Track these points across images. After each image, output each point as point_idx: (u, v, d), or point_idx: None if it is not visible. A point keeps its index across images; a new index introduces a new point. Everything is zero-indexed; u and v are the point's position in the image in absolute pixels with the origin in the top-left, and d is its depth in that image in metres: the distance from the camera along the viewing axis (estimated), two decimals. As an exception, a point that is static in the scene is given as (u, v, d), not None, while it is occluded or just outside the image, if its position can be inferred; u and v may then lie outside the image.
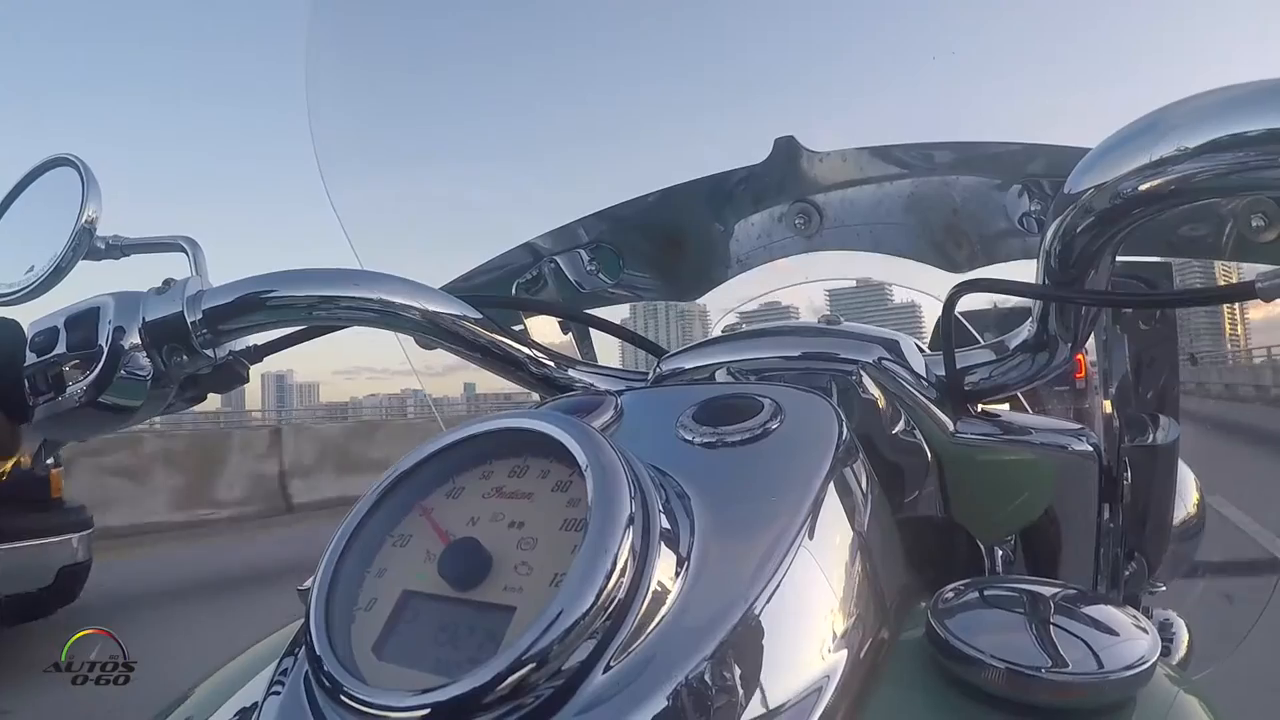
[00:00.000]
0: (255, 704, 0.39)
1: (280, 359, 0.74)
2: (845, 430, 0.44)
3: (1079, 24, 0.92)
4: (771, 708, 0.33)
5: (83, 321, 0.62)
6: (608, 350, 1.02)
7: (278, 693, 0.37)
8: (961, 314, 0.68)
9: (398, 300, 0.63)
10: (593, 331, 0.98)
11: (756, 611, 0.34)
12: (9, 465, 0.69)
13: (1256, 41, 0.79)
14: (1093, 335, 0.65)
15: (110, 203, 0.69)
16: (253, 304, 0.63)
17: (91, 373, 0.61)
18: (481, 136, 1.14)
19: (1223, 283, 0.51)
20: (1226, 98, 0.39)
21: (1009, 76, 0.95)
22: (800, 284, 1.09)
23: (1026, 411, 0.79)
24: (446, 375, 0.76)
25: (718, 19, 1.07)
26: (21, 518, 3.90)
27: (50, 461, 0.73)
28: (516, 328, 0.89)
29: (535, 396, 0.74)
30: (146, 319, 0.63)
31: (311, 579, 0.36)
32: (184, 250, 0.70)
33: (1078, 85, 0.91)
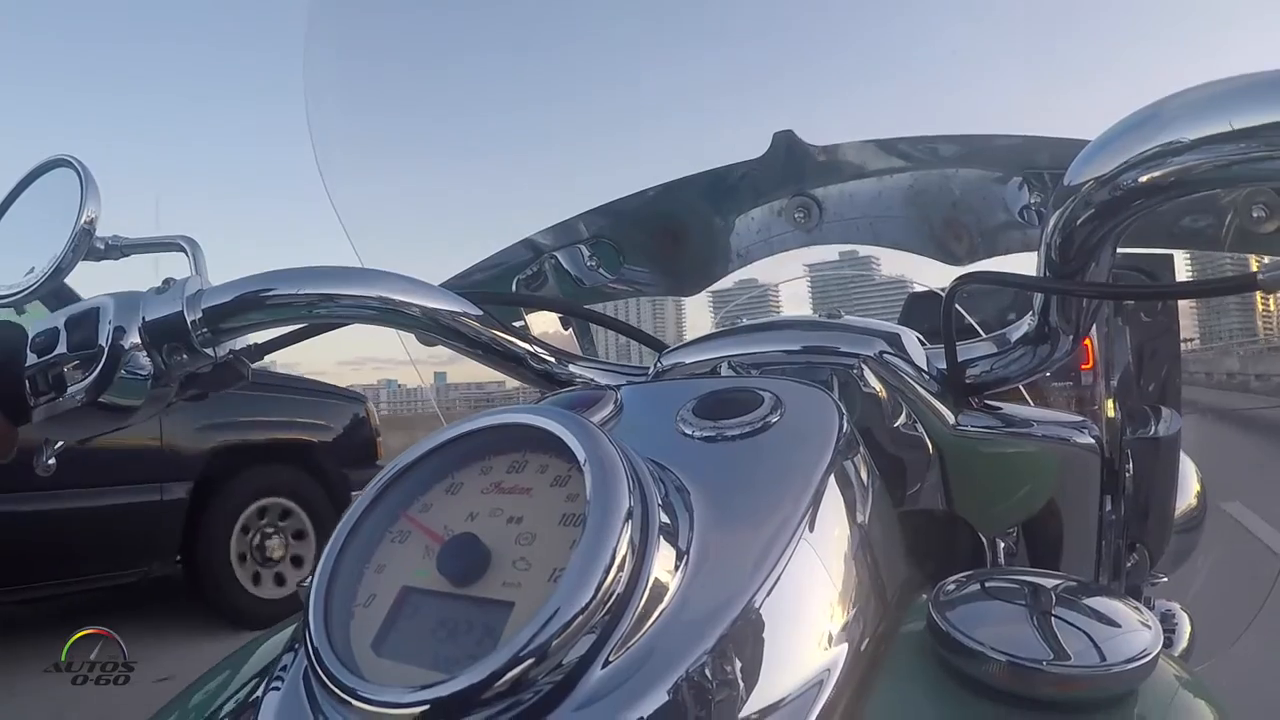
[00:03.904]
0: (255, 700, 0.39)
1: (286, 350, 0.74)
2: (846, 423, 0.44)
3: (1078, 15, 0.91)
4: (772, 701, 0.33)
5: (83, 322, 0.62)
6: (609, 346, 1.02)
7: (277, 689, 0.37)
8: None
9: (398, 297, 0.63)
10: (594, 327, 0.98)
11: (756, 605, 0.34)
12: None
13: (1256, 33, 0.78)
14: (1094, 327, 0.65)
15: (109, 201, 0.69)
16: (252, 303, 0.63)
17: (92, 373, 0.61)
18: (480, 132, 1.14)
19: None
20: (1227, 89, 0.38)
21: (1009, 69, 0.94)
22: (800, 278, 1.09)
23: (1028, 404, 0.79)
24: (451, 364, 0.77)
25: (716, 12, 1.07)
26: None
27: (51, 462, 0.73)
28: (517, 324, 0.89)
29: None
30: (146, 319, 0.63)
31: (311, 576, 0.36)
32: (183, 250, 0.70)
33: (1077, 77, 0.91)
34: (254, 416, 4.52)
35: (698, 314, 1.17)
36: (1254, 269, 0.51)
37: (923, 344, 0.64)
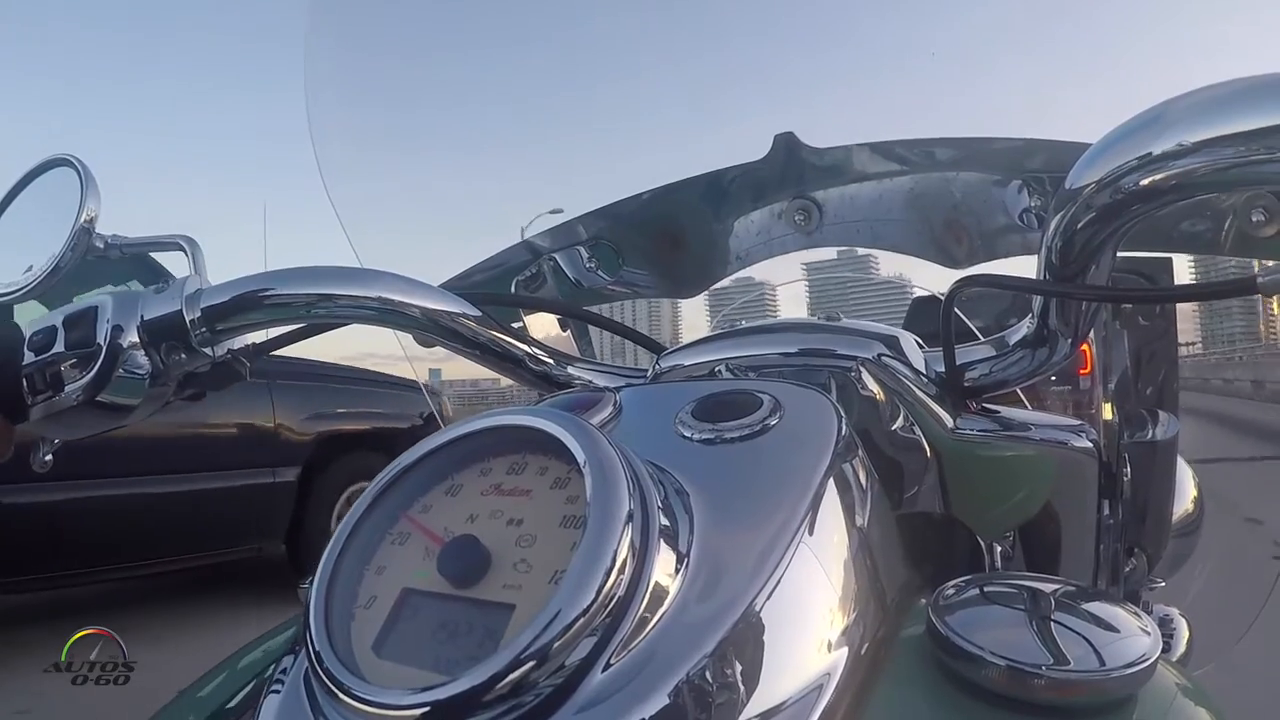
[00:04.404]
0: (256, 701, 0.39)
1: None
2: (844, 426, 0.44)
3: (1079, 18, 0.92)
4: (772, 705, 0.33)
5: (81, 320, 0.62)
6: (607, 348, 1.02)
7: (278, 690, 0.37)
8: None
9: (396, 298, 0.63)
10: (592, 329, 0.98)
11: (756, 608, 0.34)
12: None
13: (1256, 36, 0.79)
14: (1092, 331, 0.65)
15: (108, 198, 0.69)
16: (250, 302, 0.63)
17: (90, 372, 0.61)
18: (481, 134, 1.14)
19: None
20: (1226, 93, 0.38)
21: (1009, 72, 0.95)
22: (800, 280, 1.09)
23: (1026, 407, 0.79)
24: (447, 361, 0.78)
25: (717, 14, 1.07)
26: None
27: (48, 459, 0.73)
28: (516, 325, 0.89)
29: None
30: (145, 318, 0.63)
31: (311, 577, 0.36)
32: (182, 249, 0.70)
33: (1078, 80, 0.91)
34: (350, 408, 4.94)
35: (694, 315, 1.17)
36: (1257, 270, 0.51)
37: (921, 347, 0.64)
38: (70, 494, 3.58)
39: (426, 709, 0.29)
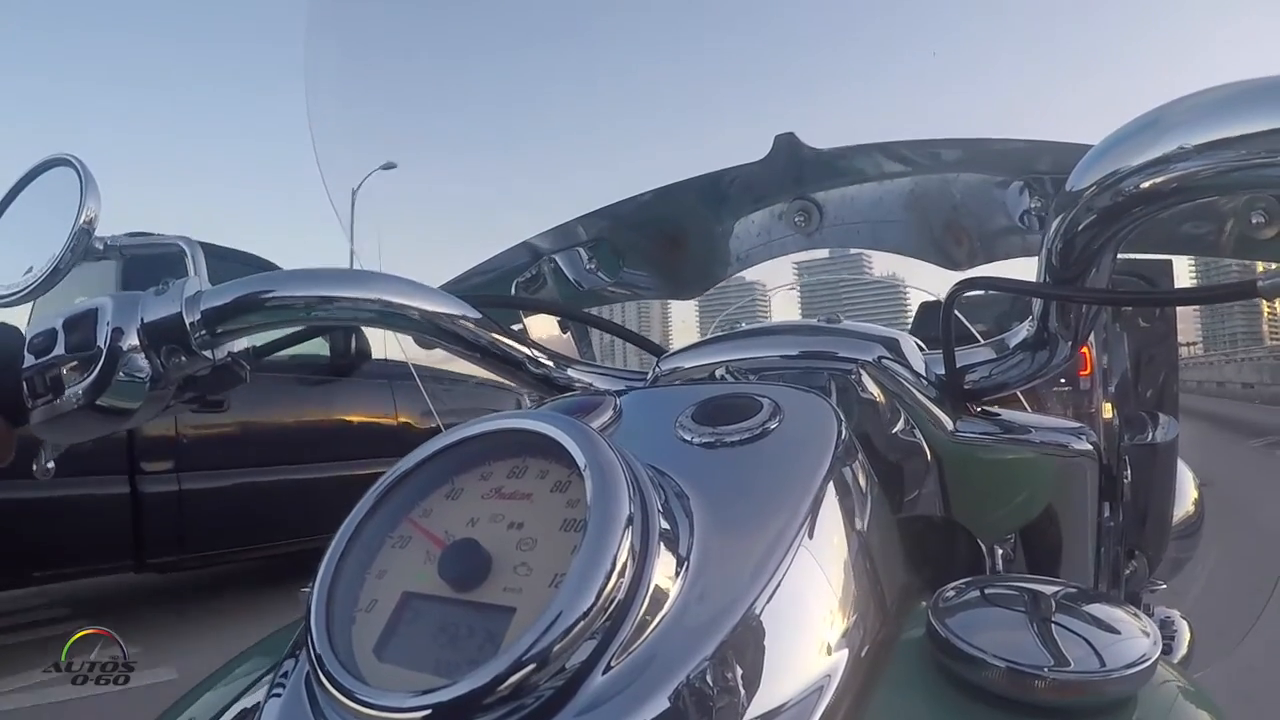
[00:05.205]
0: (256, 705, 0.39)
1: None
2: (844, 430, 0.44)
3: (1080, 20, 0.92)
4: (772, 707, 0.33)
5: (81, 323, 0.62)
6: (607, 350, 1.02)
7: (279, 694, 0.37)
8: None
9: (396, 300, 0.63)
10: (592, 331, 0.98)
11: (756, 612, 0.34)
12: None
13: (1258, 38, 0.79)
14: (1092, 333, 0.65)
15: (109, 200, 0.69)
16: (251, 304, 0.63)
17: (90, 375, 0.61)
18: (481, 135, 1.14)
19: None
20: (1227, 95, 0.38)
21: (1011, 73, 0.95)
22: (796, 284, 1.09)
23: (1026, 410, 0.79)
24: (446, 365, 0.78)
25: (717, 14, 1.07)
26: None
27: (50, 465, 0.73)
28: (516, 327, 0.89)
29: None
30: (145, 320, 0.62)
31: (312, 581, 0.36)
32: (182, 250, 0.70)
33: (1079, 82, 0.91)
34: (455, 405, 5.27)
35: (688, 317, 1.17)
36: (1260, 271, 0.51)
37: (922, 349, 0.64)
38: (242, 479, 4.46)
39: (428, 712, 0.29)
